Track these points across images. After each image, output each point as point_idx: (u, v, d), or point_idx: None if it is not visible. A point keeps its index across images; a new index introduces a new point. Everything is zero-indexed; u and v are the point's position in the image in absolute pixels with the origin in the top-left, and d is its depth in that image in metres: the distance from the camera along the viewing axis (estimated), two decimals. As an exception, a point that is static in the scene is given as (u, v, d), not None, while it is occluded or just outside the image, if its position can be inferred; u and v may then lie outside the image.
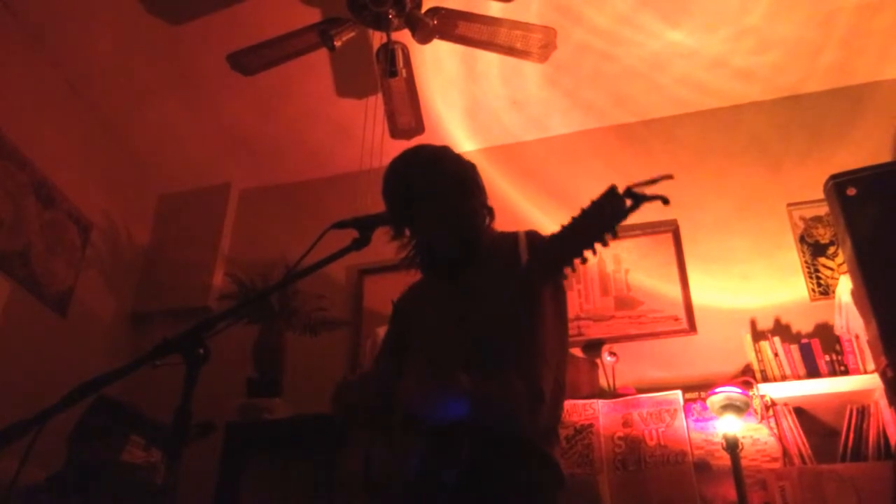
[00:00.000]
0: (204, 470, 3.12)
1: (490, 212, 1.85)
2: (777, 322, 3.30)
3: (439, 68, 3.71)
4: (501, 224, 1.90)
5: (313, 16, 3.30)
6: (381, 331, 3.42)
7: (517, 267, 1.43)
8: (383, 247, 1.83)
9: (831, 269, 3.36)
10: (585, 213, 1.23)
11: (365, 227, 1.64)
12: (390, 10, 2.95)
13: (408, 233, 1.84)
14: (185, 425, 1.31)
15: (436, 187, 1.76)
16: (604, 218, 1.21)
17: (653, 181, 1.22)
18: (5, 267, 3.22)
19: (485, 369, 1.49)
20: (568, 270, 1.25)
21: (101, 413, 2.84)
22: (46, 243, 3.50)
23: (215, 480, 3.17)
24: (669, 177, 1.23)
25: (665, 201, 1.19)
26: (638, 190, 1.19)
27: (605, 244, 1.20)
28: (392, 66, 3.11)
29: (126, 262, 4.14)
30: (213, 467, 3.20)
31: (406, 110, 3.38)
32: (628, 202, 1.19)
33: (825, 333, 3.14)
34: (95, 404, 2.84)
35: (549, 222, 3.74)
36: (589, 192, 3.97)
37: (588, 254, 1.21)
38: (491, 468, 1.49)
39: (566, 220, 1.24)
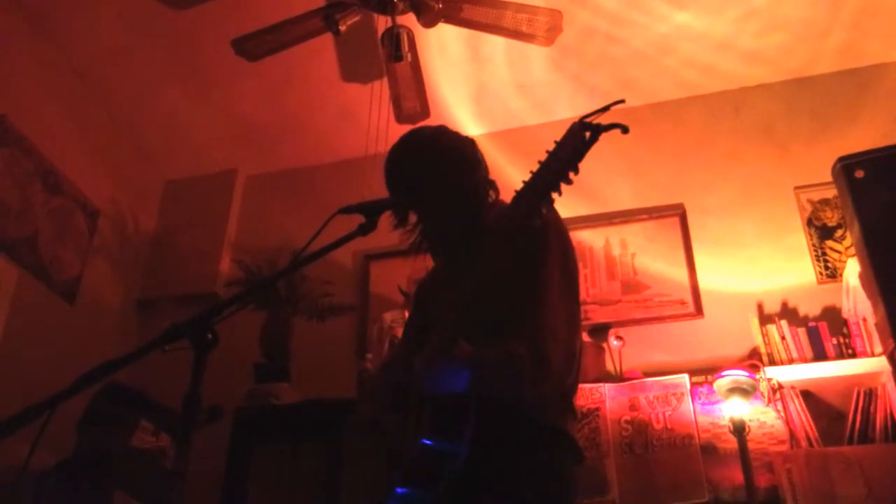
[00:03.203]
0: (213, 455, 3.14)
1: (493, 185, 1.84)
2: (784, 305, 3.30)
3: (444, 52, 3.69)
4: (508, 208, 1.89)
5: (318, 0, 3.28)
6: (388, 316, 3.44)
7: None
8: (389, 232, 1.83)
9: (839, 251, 3.35)
10: (550, 155, 1.28)
11: (371, 212, 1.63)
12: (395, -6, 2.93)
13: (412, 218, 1.84)
14: (193, 411, 1.31)
15: (436, 167, 1.76)
16: (566, 156, 1.24)
17: (605, 108, 1.26)
18: (13, 254, 3.23)
19: (486, 339, 1.49)
20: (540, 216, 1.30)
21: (110, 399, 2.86)
22: (54, 230, 3.51)
23: (224, 465, 3.19)
24: (622, 101, 1.30)
25: (624, 130, 1.21)
26: (591, 120, 1.23)
27: (568, 182, 1.25)
28: (397, 50, 3.09)
29: (133, 249, 4.15)
30: (222, 452, 3.22)
31: (411, 95, 3.37)
32: (588, 135, 1.21)
33: (833, 316, 3.13)
34: (104, 390, 2.86)
35: (557, 206, 3.74)
36: (595, 177, 3.96)
37: (555, 195, 1.27)
38: (499, 443, 1.48)
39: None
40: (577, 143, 1.22)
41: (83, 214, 3.74)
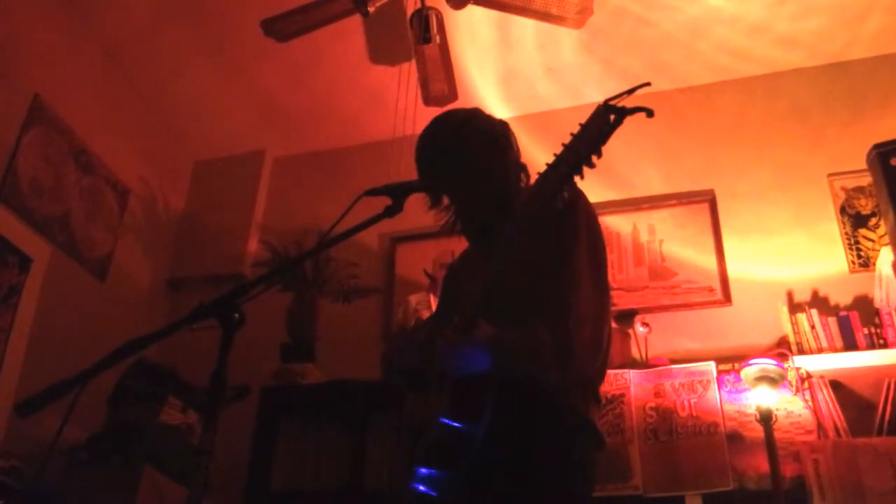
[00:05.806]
0: (239, 432, 3.18)
1: (524, 169, 1.83)
2: (815, 294, 3.25)
3: (473, 35, 3.67)
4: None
5: (347, -19, 3.27)
6: (413, 299, 3.45)
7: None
8: (416, 214, 1.83)
9: (872, 240, 3.29)
10: (574, 137, 1.28)
11: (398, 194, 1.63)
12: (424, -25, 2.92)
13: (446, 200, 1.83)
14: (220, 388, 1.33)
15: (468, 149, 1.74)
16: (590, 139, 1.25)
17: (630, 91, 1.25)
18: (46, 232, 3.28)
19: (512, 322, 1.48)
20: (562, 199, 1.32)
21: (139, 376, 2.91)
22: (86, 209, 3.56)
23: (250, 442, 3.23)
24: (648, 84, 1.30)
25: (650, 113, 1.21)
26: (616, 102, 1.21)
27: (591, 165, 1.26)
28: (426, 32, 3.08)
29: (163, 228, 4.20)
30: (249, 430, 3.26)
31: (439, 77, 3.36)
32: (612, 118, 1.21)
33: (864, 306, 3.08)
34: (134, 367, 2.91)
35: (585, 191, 3.72)
36: (623, 161, 3.91)
37: (577, 178, 1.29)
38: (519, 425, 1.48)
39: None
40: (601, 125, 1.22)
41: (114, 193, 3.79)
